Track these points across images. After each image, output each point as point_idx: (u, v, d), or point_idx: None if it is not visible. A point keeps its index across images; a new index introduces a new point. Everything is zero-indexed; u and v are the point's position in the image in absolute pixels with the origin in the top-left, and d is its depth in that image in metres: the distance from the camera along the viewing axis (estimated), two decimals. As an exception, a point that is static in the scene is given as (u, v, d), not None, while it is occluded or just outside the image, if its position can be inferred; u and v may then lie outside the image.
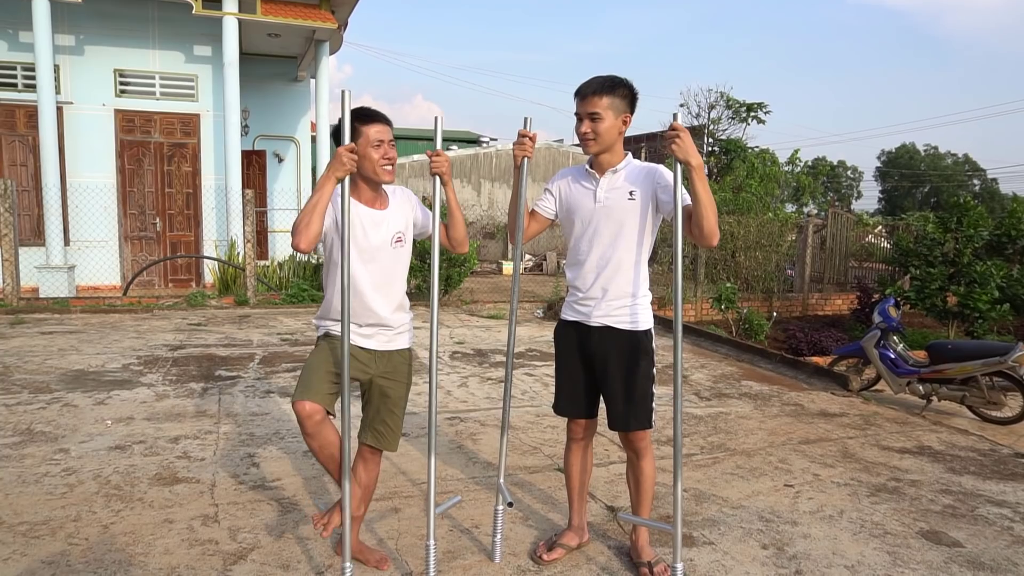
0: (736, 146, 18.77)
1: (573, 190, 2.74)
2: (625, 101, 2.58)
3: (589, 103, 2.56)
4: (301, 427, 2.48)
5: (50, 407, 4.68)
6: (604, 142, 2.59)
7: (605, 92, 2.54)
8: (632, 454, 2.79)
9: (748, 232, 11.25)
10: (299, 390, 2.49)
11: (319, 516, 2.57)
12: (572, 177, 2.78)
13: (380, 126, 2.54)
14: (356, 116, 2.53)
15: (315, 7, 10.94)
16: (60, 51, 10.21)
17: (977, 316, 8.31)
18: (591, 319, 2.70)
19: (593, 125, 2.57)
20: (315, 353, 2.61)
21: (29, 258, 9.87)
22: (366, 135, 2.51)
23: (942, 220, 9.05)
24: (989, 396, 5.57)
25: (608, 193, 2.64)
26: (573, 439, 2.91)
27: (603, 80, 2.57)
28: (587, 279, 2.69)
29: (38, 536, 2.89)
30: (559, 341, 2.85)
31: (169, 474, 3.59)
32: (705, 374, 6.39)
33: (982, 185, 59.19)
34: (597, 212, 2.65)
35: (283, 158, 13.03)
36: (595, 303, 2.68)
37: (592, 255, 2.67)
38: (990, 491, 3.77)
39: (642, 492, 2.78)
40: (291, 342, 7.16)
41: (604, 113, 2.55)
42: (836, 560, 2.93)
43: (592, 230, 2.67)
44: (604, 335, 2.68)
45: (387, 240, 2.59)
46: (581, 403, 2.82)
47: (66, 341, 6.88)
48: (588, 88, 2.57)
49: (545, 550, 2.85)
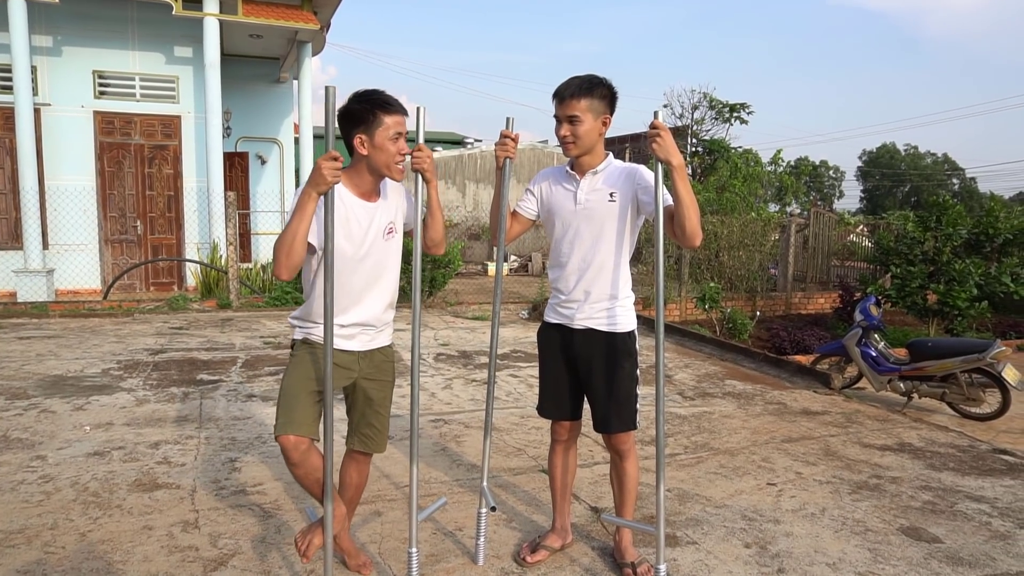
0: (719, 146, 18.86)
1: (554, 191, 2.72)
2: (604, 102, 2.55)
3: (568, 106, 2.52)
4: (286, 457, 2.35)
5: (27, 413, 4.60)
6: (584, 145, 2.57)
7: (583, 94, 2.50)
8: (616, 455, 2.78)
9: (731, 232, 11.31)
10: (282, 422, 2.33)
11: (301, 537, 2.47)
12: (553, 178, 2.75)
13: (400, 117, 2.33)
14: (373, 102, 2.29)
15: (297, 8, 10.87)
16: (37, 52, 10.07)
17: (956, 314, 8.41)
18: (574, 321, 2.69)
19: (572, 128, 2.54)
20: (294, 368, 2.43)
21: (6, 262, 9.73)
22: (386, 125, 2.29)
23: (922, 219, 9.15)
24: (968, 393, 5.64)
25: (589, 195, 2.62)
26: (557, 440, 2.90)
27: (581, 81, 2.53)
28: (569, 281, 2.68)
29: (13, 545, 2.84)
30: (542, 344, 2.84)
31: (149, 480, 3.55)
32: (689, 374, 6.42)
33: (961, 184, 60.00)
34: (578, 214, 2.63)
35: (266, 160, 12.93)
36: (578, 305, 2.67)
37: (574, 257, 2.66)
38: (969, 487, 3.81)
39: (625, 493, 2.78)
40: (274, 345, 7.11)
41: (583, 115, 2.52)
42: (818, 558, 2.95)
43: (573, 232, 2.65)
44: (587, 337, 2.67)
45: (379, 232, 2.42)
46: (565, 405, 2.81)
47: (44, 346, 6.79)
48: (566, 90, 2.53)
49: (529, 552, 2.84)
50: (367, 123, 2.30)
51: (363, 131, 2.32)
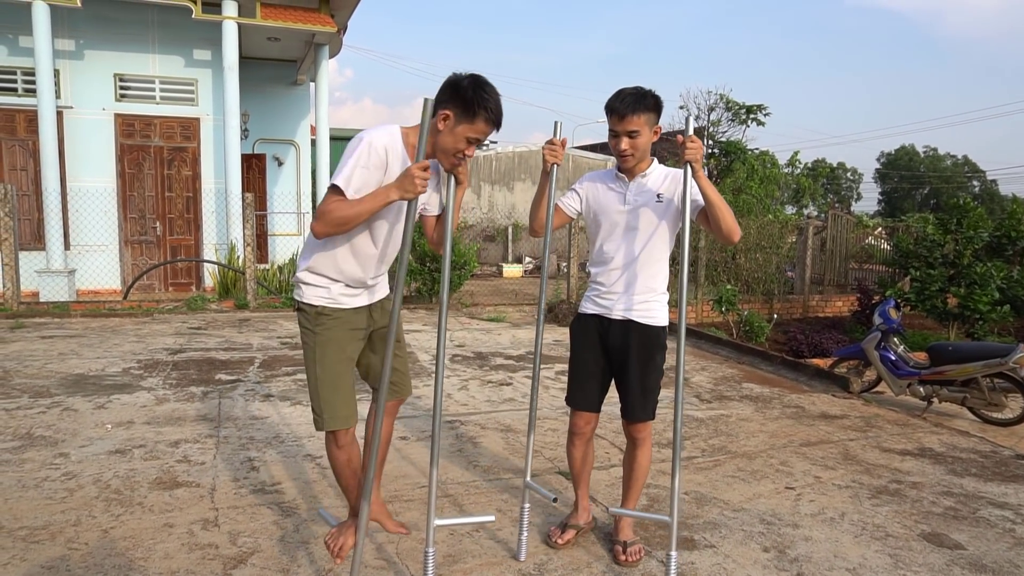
0: (736, 148, 18.75)
1: (601, 192, 2.87)
2: (656, 113, 2.70)
3: (628, 122, 2.66)
4: (333, 444, 2.38)
5: (50, 411, 4.67)
6: (641, 155, 2.75)
7: (641, 109, 2.64)
8: (632, 443, 2.93)
9: (748, 234, 11.24)
10: (328, 417, 2.32)
11: (332, 539, 2.48)
12: (600, 180, 2.90)
13: (490, 130, 2.30)
14: (484, 101, 2.23)
15: (314, 11, 10.95)
16: (60, 56, 10.23)
17: (977, 317, 8.30)
18: (613, 312, 2.83)
19: (632, 142, 2.69)
20: (324, 350, 2.35)
21: (29, 262, 9.87)
22: (476, 125, 2.26)
23: (942, 222, 9.05)
24: (990, 397, 5.57)
25: (637, 196, 2.79)
26: (576, 433, 3.00)
27: (636, 96, 2.66)
28: (612, 275, 2.83)
29: (38, 541, 2.88)
30: (577, 333, 2.96)
31: (169, 478, 3.59)
32: (706, 376, 6.38)
33: (981, 186, 59.24)
34: (627, 214, 2.80)
35: (283, 162, 13.04)
36: (618, 297, 2.82)
37: (619, 254, 2.81)
38: (992, 493, 3.76)
39: (635, 480, 2.94)
40: (291, 346, 7.16)
41: (642, 129, 2.67)
42: (838, 563, 2.92)
43: (620, 230, 2.81)
44: (624, 328, 2.81)
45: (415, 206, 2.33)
46: (594, 396, 2.92)
47: (66, 345, 6.88)
48: (624, 107, 2.65)
49: (559, 534, 2.99)
50: (465, 110, 2.25)
51: (455, 112, 2.26)
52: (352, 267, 2.41)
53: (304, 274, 2.42)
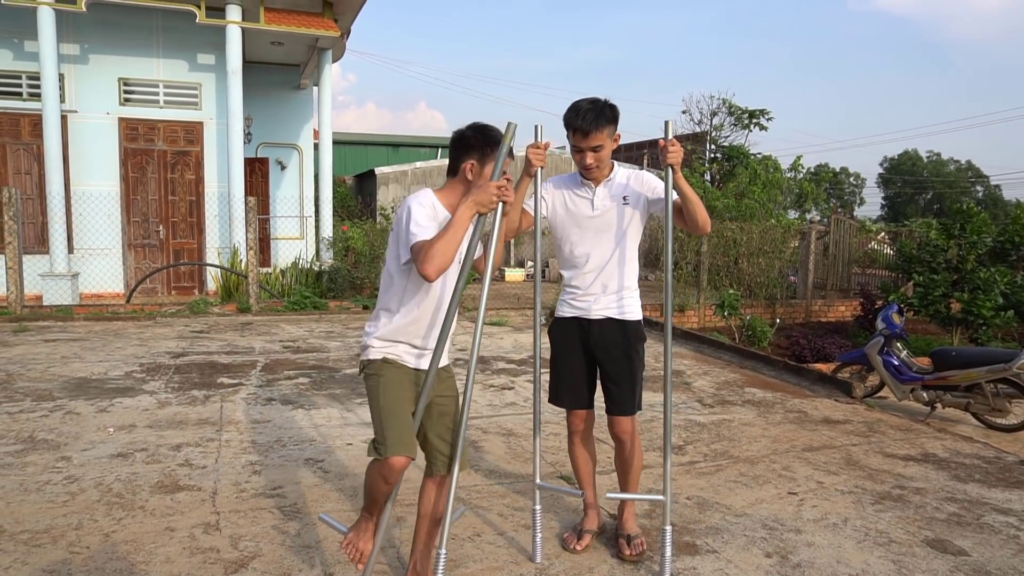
0: (738, 153, 18.77)
1: (568, 198, 2.94)
2: (614, 123, 2.77)
3: (592, 138, 2.74)
4: (386, 475, 2.32)
5: (52, 415, 4.68)
6: (605, 165, 2.85)
7: (603, 123, 2.72)
8: (620, 444, 2.97)
9: (751, 239, 11.25)
10: (392, 442, 2.28)
11: (350, 547, 2.46)
12: (566, 186, 2.96)
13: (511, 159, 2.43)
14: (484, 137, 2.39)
15: (318, 15, 10.99)
16: (64, 60, 10.27)
17: (981, 323, 8.27)
18: (591, 313, 2.91)
19: (597, 156, 2.78)
20: (388, 387, 2.39)
21: (33, 266, 9.89)
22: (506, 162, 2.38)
23: (945, 227, 9.03)
24: (994, 403, 5.55)
25: (604, 201, 2.88)
26: (574, 432, 3.04)
27: (596, 112, 2.72)
28: (587, 278, 2.91)
29: (39, 544, 2.88)
30: (558, 337, 3.02)
31: (171, 482, 3.59)
32: (708, 381, 6.37)
33: (985, 191, 59.13)
34: (596, 219, 2.88)
35: (286, 166, 13.06)
36: (595, 298, 2.90)
37: (593, 257, 2.89)
38: (995, 499, 3.75)
39: (631, 473, 2.99)
40: (293, 349, 7.16)
41: (604, 143, 2.77)
42: (841, 569, 2.91)
43: (591, 235, 2.89)
44: (604, 326, 2.90)
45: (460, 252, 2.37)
46: (582, 393, 2.98)
47: (69, 349, 6.89)
48: (587, 124, 2.72)
49: (575, 540, 2.99)
50: (483, 153, 2.40)
51: (476, 158, 2.41)
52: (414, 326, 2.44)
53: (370, 339, 2.49)
